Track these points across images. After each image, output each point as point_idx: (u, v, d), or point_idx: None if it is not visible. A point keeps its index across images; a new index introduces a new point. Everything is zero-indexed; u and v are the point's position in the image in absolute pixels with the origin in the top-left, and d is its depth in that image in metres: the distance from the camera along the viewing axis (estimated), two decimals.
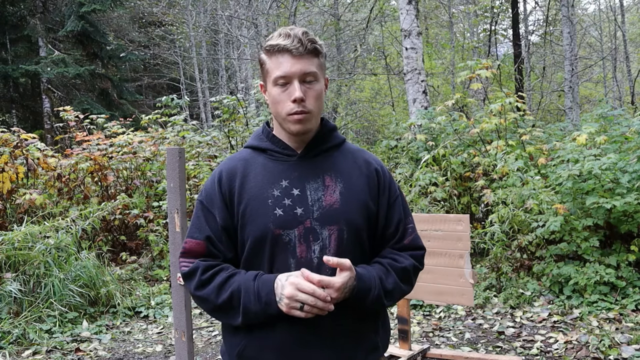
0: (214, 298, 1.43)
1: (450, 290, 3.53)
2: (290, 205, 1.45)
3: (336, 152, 1.56)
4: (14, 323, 4.45)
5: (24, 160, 6.49)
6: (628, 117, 6.28)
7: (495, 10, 13.90)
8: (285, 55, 1.43)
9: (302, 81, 1.44)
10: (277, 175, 1.49)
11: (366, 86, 18.06)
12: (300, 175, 1.49)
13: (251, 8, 14.13)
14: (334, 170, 1.52)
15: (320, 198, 1.47)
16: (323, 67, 1.50)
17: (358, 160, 1.57)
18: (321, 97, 1.48)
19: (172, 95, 8.58)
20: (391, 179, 1.60)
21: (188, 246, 1.50)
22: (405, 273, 1.52)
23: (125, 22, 19.89)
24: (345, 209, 1.47)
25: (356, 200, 1.49)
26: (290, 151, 1.52)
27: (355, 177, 1.53)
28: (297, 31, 1.43)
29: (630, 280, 4.62)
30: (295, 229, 1.43)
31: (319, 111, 1.49)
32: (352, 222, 1.47)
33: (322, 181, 1.49)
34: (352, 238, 1.48)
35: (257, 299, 1.39)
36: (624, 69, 17.31)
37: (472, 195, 6.35)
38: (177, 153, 2.65)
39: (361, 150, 1.62)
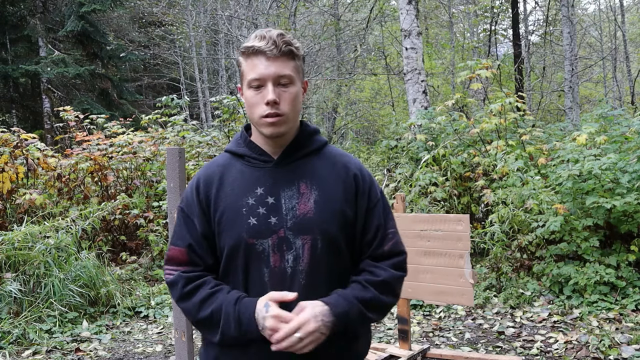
0: (195, 313, 1.43)
1: (450, 290, 3.53)
2: (265, 214, 1.43)
3: (315, 157, 1.52)
4: (14, 323, 4.45)
5: (24, 160, 6.49)
6: (628, 117, 6.28)
7: (495, 10, 13.90)
8: (259, 57, 1.41)
9: (276, 84, 1.41)
10: (252, 183, 1.47)
11: (366, 86, 18.06)
12: (275, 183, 1.46)
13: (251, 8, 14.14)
14: (310, 176, 1.48)
15: (294, 207, 1.44)
16: (300, 69, 1.47)
17: (337, 166, 1.52)
18: (297, 100, 1.45)
19: (172, 95, 8.58)
20: (372, 184, 1.54)
21: (171, 253, 1.51)
22: (385, 285, 1.47)
23: (125, 22, 19.89)
24: (319, 218, 1.44)
25: (331, 209, 1.46)
26: (267, 157, 1.49)
27: (331, 184, 1.49)
28: (273, 33, 1.41)
29: (630, 280, 4.62)
30: (269, 238, 1.42)
31: (295, 115, 1.46)
32: (326, 231, 1.44)
33: (297, 188, 1.46)
34: (327, 247, 1.44)
35: (238, 325, 1.39)
36: (624, 69, 17.31)
37: (472, 195, 6.35)
38: (177, 153, 2.65)
39: (343, 154, 1.57)
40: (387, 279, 1.48)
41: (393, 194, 6.38)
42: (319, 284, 1.44)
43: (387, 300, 1.48)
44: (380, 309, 1.48)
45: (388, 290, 1.48)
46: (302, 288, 1.42)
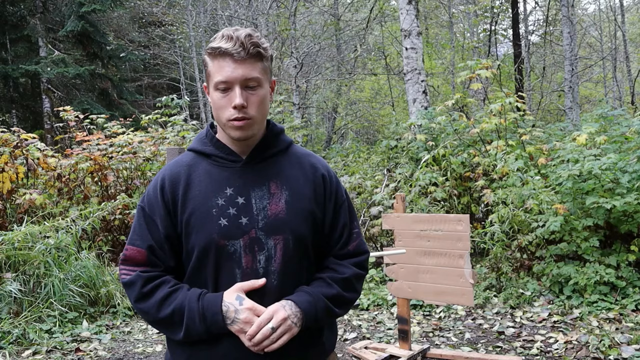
0: (155, 312, 1.41)
1: (450, 290, 3.53)
2: (235, 214, 1.41)
3: (282, 157, 1.52)
4: (14, 323, 4.45)
5: (24, 160, 6.49)
6: (628, 117, 6.28)
7: (495, 10, 13.91)
8: (226, 59, 1.36)
9: (243, 87, 1.38)
10: (221, 183, 1.44)
11: (366, 86, 18.07)
12: (245, 183, 1.45)
13: (251, 8, 14.14)
14: (279, 176, 1.48)
15: (265, 207, 1.43)
16: (268, 70, 1.44)
17: (304, 165, 1.52)
18: (264, 103, 1.43)
19: (172, 95, 8.59)
20: (338, 184, 1.56)
21: (129, 253, 1.46)
22: (348, 283, 1.51)
23: (125, 22, 19.89)
24: (290, 219, 1.44)
25: (302, 209, 1.46)
26: (235, 157, 1.47)
27: (301, 184, 1.49)
28: (241, 33, 1.37)
29: (630, 280, 4.62)
30: (240, 239, 1.40)
31: (263, 117, 1.45)
32: (297, 231, 1.44)
33: (268, 188, 1.45)
34: (298, 247, 1.45)
35: (202, 319, 1.38)
36: (624, 69, 17.31)
37: (472, 195, 6.35)
38: (177, 153, 2.65)
39: (308, 154, 1.58)
40: (350, 277, 1.51)
41: (393, 194, 6.38)
42: (291, 284, 1.45)
43: (349, 297, 1.51)
44: (343, 305, 1.51)
45: (350, 287, 1.52)
46: (275, 288, 1.42)
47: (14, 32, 15.42)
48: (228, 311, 1.37)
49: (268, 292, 1.41)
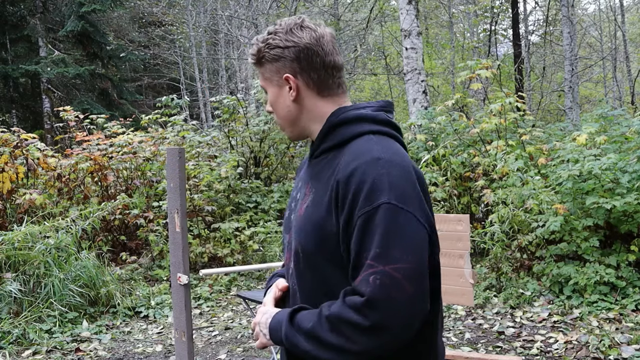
0: None
1: (450, 290, 3.53)
2: (292, 209, 1.44)
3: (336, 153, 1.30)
4: (14, 323, 4.45)
5: (24, 160, 6.49)
6: (628, 117, 6.28)
7: (495, 10, 13.91)
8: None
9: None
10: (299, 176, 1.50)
11: (366, 86, 18.07)
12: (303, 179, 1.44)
13: (251, 8, 14.14)
14: (315, 177, 1.33)
15: (297, 208, 1.37)
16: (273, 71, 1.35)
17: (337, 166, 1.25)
18: (277, 105, 1.37)
19: (172, 96, 8.59)
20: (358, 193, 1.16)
21: None
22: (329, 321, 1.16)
23: (125, 22, 19.89)
24: (302, 224, 1.29)
25: (312, 218, 1.26)
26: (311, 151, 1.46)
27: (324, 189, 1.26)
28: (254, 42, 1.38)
29: (630, 280, 4.62)
30: (287, 234, 1.42)
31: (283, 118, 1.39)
32: (301, 241, 1.28)
33: (305, 189, 1.37)
34: (306, 261, 1.28)
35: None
36: (624, 69, 17.31)
37: (472, 195, 6.35)
38: (177, 153, 2.65)
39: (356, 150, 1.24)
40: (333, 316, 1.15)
41: None
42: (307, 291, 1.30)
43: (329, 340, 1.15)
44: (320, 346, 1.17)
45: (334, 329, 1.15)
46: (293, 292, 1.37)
47: (14, 32, 15.42)
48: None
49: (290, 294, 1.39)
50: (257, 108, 10.37)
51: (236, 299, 5.54)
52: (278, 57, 1.33)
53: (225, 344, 4.40)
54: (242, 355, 4.15)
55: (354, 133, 1.28)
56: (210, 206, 6.66)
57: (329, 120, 1.32)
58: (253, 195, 7.66)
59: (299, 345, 1.20)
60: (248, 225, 7.00)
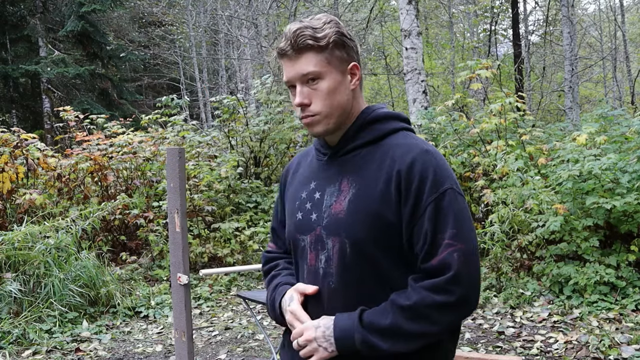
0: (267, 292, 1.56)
1: None
2: (309, 209, 1.39)
3: (371, 149, 1.36)
4: (14, 323, 4.45)
5: (24, 160, 6.49)
6: (628, 117, 6.27)
7: (495, 10, 13.90)
8: (284, 59, 1.34)
9: (305, 83, 1.32)
10: (310, 176, 1.44)
11: (366, 86, 18.06)
12: (325, 177, 1.40)
13: (251, 8, 14.13)
14: (354, 172, 1.34)
15: (331, 204, 1.34)
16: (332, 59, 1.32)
17: (386, 158, 1.31)
18: (331, 95, 1.31)
19: (172, 96, 8.58)
20: (423, 181, 1.25)
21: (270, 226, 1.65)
22: (412, 311, 1.23)
23: (125, 22, 19.89)
24: (348, 220, 1.30)
25: (364, 210, 1.29)
26: (326, 150, 1.42)
27: (373, 181, 1.30)
28: (291, 28, 1.30)
29: (630, 280, 4.62)
30: (308, 235, 1.38)
31: (333, 109, 1.33)
32: (354, 234, 1.29)
33: (339, 185, 1.35)
34: (357, 254, 1.29)
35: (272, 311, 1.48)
36: (624, 69, 17.31)
37: (472, 195, 6.35)
38: (177, 153, 2.65)
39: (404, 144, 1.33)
40: (416, 305, 1.23)
41: None
42: (350, 289, 1.32)
43: (413, 329, 1.23)
44: (402, 339, 1.24)
45: (418, 317, 1.23)
46: (333, 292, 1.33)
47: (14, 32, 15.42)
48: (283, 307, 1.42)
49: (326, 295, 1.34)
50: (257, 108, 10.37)
51: (236, 299, 5.54)
52: (347, 45, 1.35)
53: (225, 344, 4.40)
54: (242, 355, 4.15)
55: (389, 129, 1.37)
56: (210, 206, 6.66)
57: (361, 117, 1.37)
58: (253, 195, 7.66)
59: (377, 346, 1.24)
60: (248, 225, 7.00)
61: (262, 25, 14.09)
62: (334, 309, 1.32)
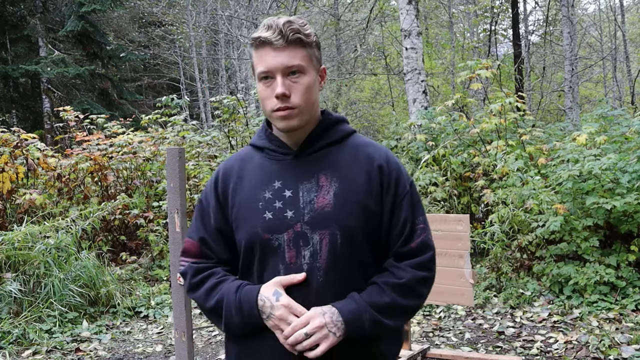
0: (203, 302, 1.44)
1: (450, 290, 3.53)
2: (281, 208, 1.38)
3: (337, 148, 1.45)
4: (14, 323, 4.45)
5: (24, 160, 6.49)
6: (628, 117, 6.28)
7: (495, 10, 13.90)
8: (266, 48, 1.34)
9: (286, 75, 1.34)
10: (271, 176, 1.42)
11: (366, 86, 18.06)
12: (294, 175, 1.41)
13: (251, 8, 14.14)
14: (331, 168, 1.41)
15: (312, 200, 1.37)
16: (312, 57, 1.39)
17: (360, 156, 1.43)
18: (310, 90, 1.37)
19: (172, 96, 8.58)
20: (399, 175, 1.43)
21: (185, 246, 1.52)
22: (405, 288, 1.37)
23: (125, 22, 19.89)
24: (338, 212, 1.36)
25: (352, 202, 1.37)
26: (286, 149, 1.44)
27: (354, 176, 1.40)
28: (280, 21, 1.34)
29: (630, 280, 4.62)
30: (285, 233, 1.36)
31: (309, 105, 1.39)
32: (345, 226, 1.36)
33: (317, 181, 1.39)
34: (347, 243, 1.36)
35: (238, 312, 1.36)
36: (624, 69, 17.31)
37: (472, 195, 6.35)
38: (177, 153, 2.65)
39: (367, 144, 1.47)
40: (409, 282, 1.38)
41: None
42: (338, 282, 1.37)
43: (408, 304, 1.39)
44: (399, 314, 1.39)
45: (410, 293, 1.39)
46: (321, 286, 1.36)
47: (14, 32, 15.42)
48: (264, 306, 1.34)
49: (313, 290, 1.35)
50: (257, 108, 10.38)
51: None
52: (316, 46, 1.43)
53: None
54: None
55: (349, 131, 1.49)
56: None
57: (326, 119, 1.48)
58: None
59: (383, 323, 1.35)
60: None
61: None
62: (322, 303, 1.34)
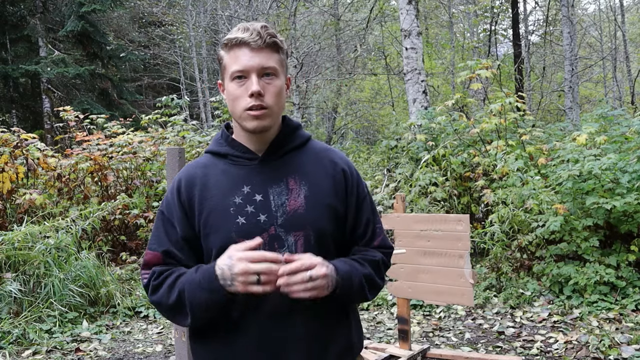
0: (166, 300, 1.39)
1: (450, 290, 3.53)
2: (253, 212, 1.39)
3: (300, 153, 1.49)
4: (14, 323, 4.45)
5: (24, 160, 6.49)
6: (628, 117, 6.28)
7: (495, 10, 13.90)
8: (243, 48, 1.37)
9: (260, 76, 1.37)
10: (238, 181, 1.42)
11: (366, 86, 18.06)
12: (262, 180, 1.43)
13: (251, 8, 14.14)
14: (297, 172, 1.45)
15: (284, 203, 1.41)
16: (284, 63, 1.44)
17: (323, 161, 1.49)
18: (281, 94, 1.41)
19: (172, 96, 8.59)
20: (359, 179, 1.53)
21: (147, 258, 1.47)
22: (377, 266, 1.50)
23: (125, 22, 19.89)
24: (310, 214, 1.41)
25: (322, 204, 1.43)
26: (251, 154, 1.45)
27: (320, 179, 1.46)
28: (256, 25, 1.38)
29: (630, 280, 4.62)
30: (259, 236, 1.36)
31: (279, 109, 1.42)
32: (318, 226, 1.42)
33: (286, 184, 1.43)
34: (319, 243, 1.42)
35: (201, 289, 1.33)
36: (624, 69, 17.31)
37: (472, 195, 6.35)
38: (177, 153, 2.65)
39: (327, 149, 1.55)
40: (379, 261, 1.51)
41: (393, 194, 6.37)
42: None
43: (378, 281, 1.50)
44: (373, 288, 1.49)
45: (380, 272, 1.51)
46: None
47: (14, 32, 15.42)
48: (223, 273, 1.29)
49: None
50: None
51: None
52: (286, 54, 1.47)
53: None
54: None
55: (307, 136, 1.54)
56: None
57: (289, 124, 1.51)
58: None
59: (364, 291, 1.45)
60: None
61: None
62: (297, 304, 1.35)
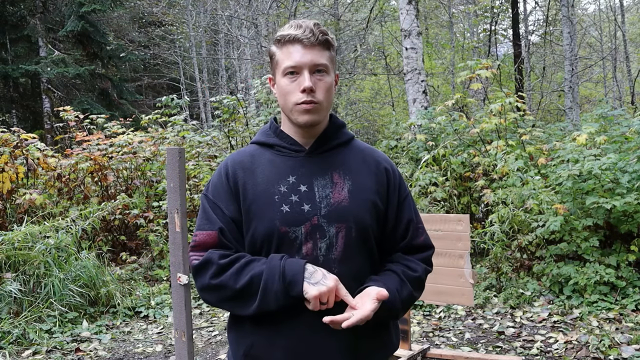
0: (233, 283, 1.38)
1: (450, 290, 3.53)
2: (297, 201, 1.42)
3: (345, 149, 1.54)
4: (14, 323, 4.45)
5: (24, 160, 6.49)
6: (628, 117, 6.28)
7: (495, 10, 13.90)
8: (296, 45, 1.41)
9: (312, 72, 1.41)
10: (284, 171, 1.46)
11: (366, 86, 18.07)
12: (308, 172, 1.46)
13: (251, 8, 14.13)
14: (342, 167, 1.49)
15: (328, 195, 1.44)
16: (334, 61, 1.48)
17: (367, 159, 1.54)
18: (331, 91, 1.46)
19: (172, 95, 8.58)
20: (401, 179, 1.57)
21: (199, 239, 1.45)
22: (419, 281, 1.52)
23: (125, 22, 19.89)
24: (354, 207, 1.45)
25: (365, 199, 1.47)
26: (298, 147, 1.49)
27: (364, 176, 1.50)
28: (309, 22, 1.42)
29: (630, 280, 4.62)
30: (302, 225, 1.41)
31: (328, 105, 1.46)
32: (360, 220, 1.44)
33: (330, 178, 1.46)
34: (360, 237, 1.45)
35: (282, 277, 1.34)
36: (624, 69, 17.31)
37: (472, 195, 6.35)
38: (177, 153, 2.65)
39: (371, 148, 1.59)
40: (421, 276, 1.52)
41: None
42: (350, 274, 1.43)
43: (417, 296, 1.52)
44: (409, 305, 1.51)
45: (420, 287, 1.54)
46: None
47: (14, 32, 15.42)
48: (315, 272, 1.35)
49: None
50: (257, 108, 10.37)
51: None
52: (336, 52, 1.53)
53: (225, 344, 4.40)
54: None
55: (352, 135, 1.58)
56: None
57: (336, 121, 1.56)
58: None
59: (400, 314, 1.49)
60: None
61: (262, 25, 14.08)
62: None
